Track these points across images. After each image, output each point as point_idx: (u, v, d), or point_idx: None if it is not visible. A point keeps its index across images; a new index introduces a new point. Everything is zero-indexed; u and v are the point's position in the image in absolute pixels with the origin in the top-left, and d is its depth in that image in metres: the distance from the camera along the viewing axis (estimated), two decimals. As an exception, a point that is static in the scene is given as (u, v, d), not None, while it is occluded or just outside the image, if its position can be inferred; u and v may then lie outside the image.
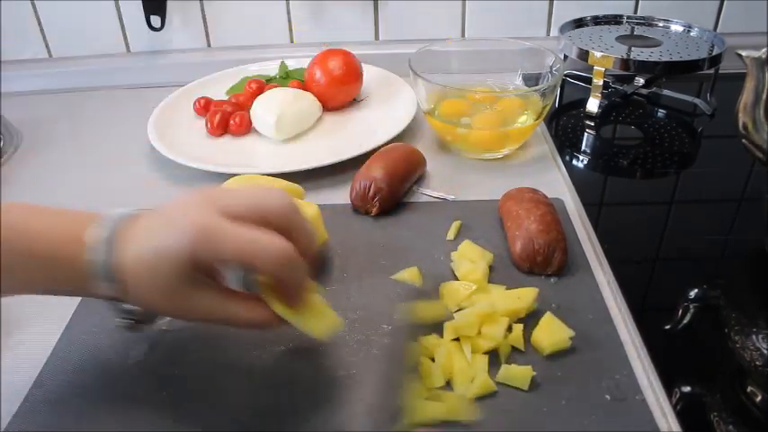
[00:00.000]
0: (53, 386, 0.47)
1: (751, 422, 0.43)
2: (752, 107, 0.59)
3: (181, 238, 0.39)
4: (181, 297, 0.41)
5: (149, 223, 0.42)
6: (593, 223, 0.62)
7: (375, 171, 0.64)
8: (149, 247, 0.40)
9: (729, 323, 0.49)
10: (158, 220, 0.42)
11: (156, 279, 0.40)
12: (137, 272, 0.40)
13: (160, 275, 0.40)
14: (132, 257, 0.40)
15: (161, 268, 0.40)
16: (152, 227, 0.42)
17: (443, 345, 0.48)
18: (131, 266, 0.40)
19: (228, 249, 0.39)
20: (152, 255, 0.40)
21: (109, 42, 1.00)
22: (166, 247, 0.39)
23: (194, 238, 0.39)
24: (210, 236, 0.39)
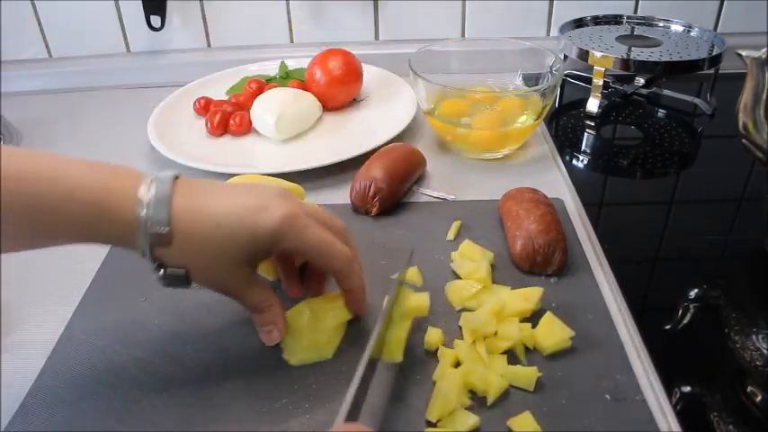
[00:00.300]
0: (53, 386, 0.47)
1: (751, 422, 0.43)
2: (752, 107, 0.59)
3: (272, 219, 0.43)
4: (234, 266, 0.44)
5: (225, 195, 0.44)
6: (593, 223, 0.62)
7: (375, 171, 0.64)
8: (230, 216, 0.42)
9: (729, 323, 0.49)
10: (237, 195, 0.44)
11: (230, 244, 0.43)
12: (199, 240, 0.42)
13: (240, 242, 0.43)
14: (196, 225, 0.42)
15: (238, 240, 0.43)
16: (231, 200, 0.44)
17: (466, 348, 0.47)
18: (193, 234, 0.42)
19: (311, 240, 0.44)
20: (232, 226, 0.42)
21: (109, 42, 1.01)
22: (253, 223, 0.43)
23: (284, 222, 0.43)
24: (300, 224, 0.44)
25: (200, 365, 0.48)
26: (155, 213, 0.41)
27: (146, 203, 0.41)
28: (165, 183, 0.42)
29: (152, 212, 0.41)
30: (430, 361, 0.47)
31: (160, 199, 0.41)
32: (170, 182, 0.43)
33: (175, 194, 0.42)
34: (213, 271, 0.44)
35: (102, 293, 0.56)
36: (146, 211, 0.41)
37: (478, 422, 0.42)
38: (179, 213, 0.42)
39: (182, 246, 0.42)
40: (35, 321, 0.54)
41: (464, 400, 0.44)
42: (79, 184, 0.41)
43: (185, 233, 0.42)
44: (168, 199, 0.42)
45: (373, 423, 0.42)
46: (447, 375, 0.45)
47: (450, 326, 0.50)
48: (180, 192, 0.43)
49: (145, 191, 0.42)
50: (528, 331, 0.48)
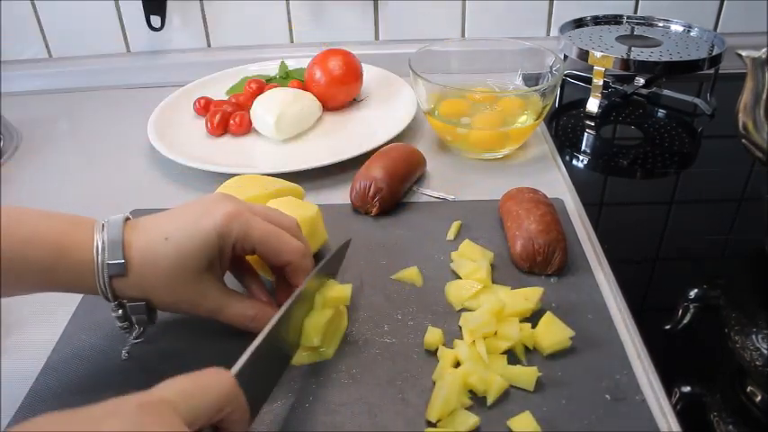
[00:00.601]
0: (53, 386, 0.47)
1: (751, 422, 0.43)
2: (752, 107, 0.59)
3: (214, 219, 0.44)
4: (193, 284, 0.45)
5: (171, 215, 0.46)
6: (593, 223, 0.62)
7: (375, 171, 0.64)
8: (177, 228, 0.44)
9: (729, 323, 0.49)
10: (183, 210, 0.46)
11: (180, 253, 0.43)
12: (153, 258, 0.43)
13: (188, 247, 0.43)
14: (148, 244, 0.43)
15: (187, 248, 0.43)
16: (177, 216, 0.45)
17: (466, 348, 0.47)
18: (147, 255, 0.43)
19: (256, 232, 0.45)
20: (180, 236, 0.44)
21: (109, 42, 1.01)
22: (197, 228, 0.44)
23: (227, 220, 0.44)
24: (243, 220, 0.45)
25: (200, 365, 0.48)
26: (109, 250, 0.43)
27: (100, 242, 0.43)
28: (116, 224, 0.44)
29: (107, 250, 0.43)
30: (430, 361, 0.48)
31: (113, 237, 0.43)
32: (121, 222, 0.44)
33: (126, 229, 0.44)
34: (175, 287, 0.45)
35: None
36: (100, 248, 0.43)
37: (478, 422, 0.42)
38: (130, 242, 0.43)
39: (138, 271, 0.43)
40: (35, 321, 0.54)
41: (464, 400, 0.44)
42: (36, 232, 0.42)
43: (139, 257, 0.43)
44: (121, 236, 0.43)
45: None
46: (447, 375, 0.45)
47: (450, 326, 0.51)
48: (130, 226, 0.45)
49: (98, 233, 0.43)
50: (528, 331, 0.48)
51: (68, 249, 0.42)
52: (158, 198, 0.71)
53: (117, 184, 0.75)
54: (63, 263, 0.42)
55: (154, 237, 0.44)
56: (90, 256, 0.42)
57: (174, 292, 0.45)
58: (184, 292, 0.45)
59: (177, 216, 0.45)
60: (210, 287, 0.46)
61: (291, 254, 0.47)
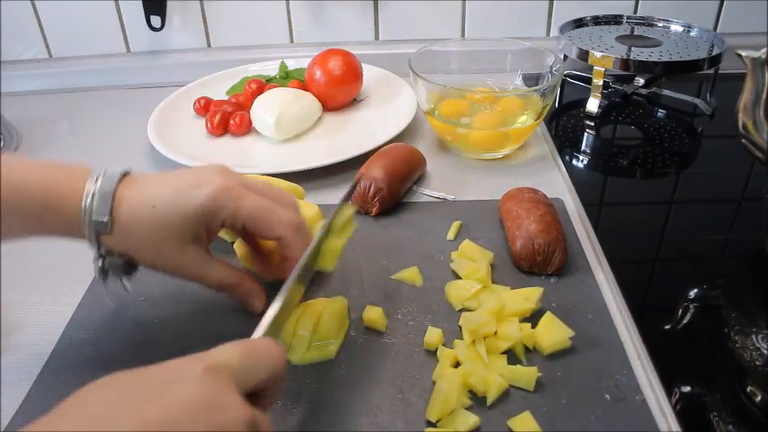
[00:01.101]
0: (53, 386, 0.47)
1: (751, 422, 0.43)
2: (752, 107, 0.59)
3: (202, 194, 0.44)
4: (176, 252, 0.45)
5: (164, 180, 0.46)
6: (593, 223, 0.62)
7: (375, 171, 0.64)
8: (165, 198, 0.44)
9: (729, 323, 0.49)
10: (175, 178, 0.46)
11: (165, 223, 0.44)
12: (137, 223, 0.43)
13: (173, 220, 0.44)
14: (135, 209, 0.43)
15: (171, 219, 0.44)
16: (168, 183, 0.45)
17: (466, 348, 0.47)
18: (132, 218, 0.43)
19: (247, 207, 0.45)
20: (166, 206, 0.44)
21: (109, 42, 1.01)
22: (185, 200, 0.44)
23: (217, 193, 0.44)
24: (234, 194, 0.44)
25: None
26: (97, 204, 0.43)
27: (90, 195, 0.43)
28: (111, 177, 0.44)
29: (95, 203, 0.43)
30: (430, 361, 0.48)
31: (104, 191, 0.43)
32: (117, 177, 0.45)
33: (120, 187, 0.44)
34: (158, 252, 0.45)
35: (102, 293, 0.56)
36: (89, 201, 0.43)
37: (478, 422, 0.42)
38: (119, 202, 0.44)
39: (122, 231, 0.44)
40: (35, 321, 0.54)
41: (464, 400, 0.44)
42: (26, 179, 0.43)
43: (125, 219, 0.44)
44: (112, 191, 0.44)
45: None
46: (447, 375, 0.45)
47: (451, 326, 0.51)
48: (125, 185, 0.45)
49: (91, 184, 0.44)
50: (528, 331, 0.48)
51: (58, 198, 0.43)
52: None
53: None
54: (52, 211, 0.43)
55: (143, 201, 0.44)
56: (79, 206, 0.43)
57: (157, 256, 0.45)
58: (167, 258, 0.45)
59: (168, 183, 0.45)
60: (193, 255, 0.46)
61: (283, 227, 0.46)
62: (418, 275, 0.56)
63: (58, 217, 0.43)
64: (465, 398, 0.44)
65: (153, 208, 0.44)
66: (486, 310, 0.49)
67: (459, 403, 0.43)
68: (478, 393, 0.45)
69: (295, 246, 0.47)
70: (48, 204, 0.43)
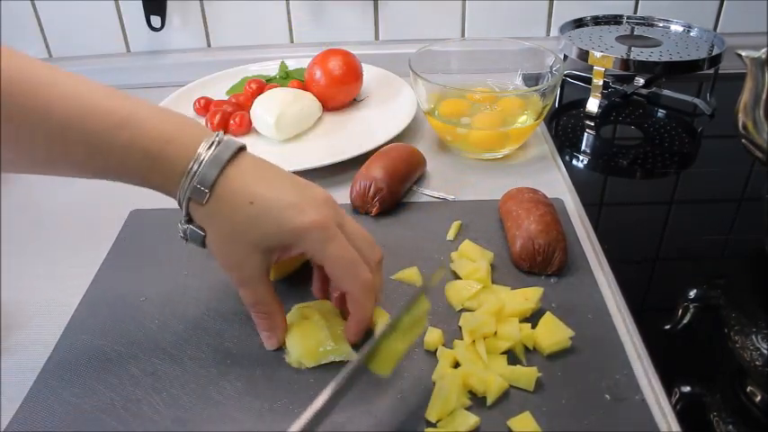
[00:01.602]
0: (53, 386, 0.47)
1: (751, 422, 0.43)
2: (752, 107, 0.59)
3: (305, 218, 0.44)
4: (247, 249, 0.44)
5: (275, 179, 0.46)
6: (593, 223, 0.62)
7: (375, 171, 0.64)
8: (265, 202, 0.44)
9: (729, 323, 0.49)
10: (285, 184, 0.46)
11: (252, 226, 0.44)
12: (228, 211, 0.43)
13: (261, 227, 0.44)
14: (234, 195, 0.43)
15: (258, 226, 0.43)
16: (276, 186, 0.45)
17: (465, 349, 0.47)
18: (226, 204, 0.43)
19: (332, 254, 0.44)
20: (260, 212, 0.43)
21: (109, 42, 1.01)
22: (278, 215, 0.44)
23: (312, 227, 0.44)
24: (326, 235, 0.44)
25: (200, 365, 0.48)
26: (204, 172, 0.43)
27: (201, 160, 0.43)
28: (227, 149, 0.44)
29: (203, 170, 0.43)
30: (430, 361, 0.48)
31: (215, 162, 0.43)
32: (232, 150, 0.44)
33: (232, 163, 0.44)
34: (228, 245, 0.45)
35: (102, 293, 0.56)
36: (197, 167, 0.43)
37: (478, 422, 0.42)
38: (224, 181, 0.43)
39: (212, 209, 0.44)
40: (35, 321, 0.54)
41: (464, 400, 0.44)
42: (141, 131, 0.42)
43: (220, 199, 0.43)
44: (222, 165, 0.43)
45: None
46: (447, 376, 0.45)
47: (450, 326, 0.51)
48: (235, 164, 0.44)
49: (205, 148, 0.43)
50: (528, 331, 0.48)
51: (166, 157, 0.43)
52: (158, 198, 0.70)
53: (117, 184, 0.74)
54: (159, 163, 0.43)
55: (244, 192, 0.44)
56: (185, 166, 0.43)
57: (226, 248, 0.45)
58: (234, 254, 0.45)
59: (274, 187, 0.45)
60: (254, 266, 0.45)
61: (357, 285, 0.46)
62: (418, 275, 0.56)
63: (161, 169, 0.43)
64: (465, 398, 0.44)
65: (250, 204, 0.43)
66: (486, 310, 0.49)
67: (459, 403, 0.43)
68: (478, 393, 0.45)
69: (360, 306, 0.47)
70: (157, 160, 0.42)
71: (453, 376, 0.44)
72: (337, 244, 0.45)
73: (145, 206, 0.68)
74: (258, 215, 0.44)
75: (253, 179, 0.45)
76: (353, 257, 0.45)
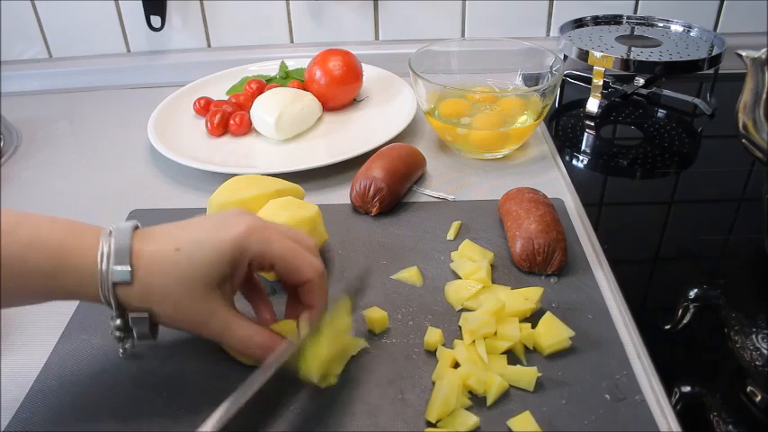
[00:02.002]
0: (53, 386, 0.47)
1: (751, 422, 0.43)
2: (752, 107, 0.59)
3: (233, 232, 0.43)
4: (202, 299, 0.42)
5: (185, 225, 0.44)
6: (593, 223, 0.62)
7: (375, 171, 0.64)
8: (191, 239, 0.42)
9: (729, 323, 0.49)
10: (198, 222, 0.45)
11: (191, 266, 0.42)
12: (161, 269, 0.41)
13: (201, 260, 0.42)
14: (158, 253, 0.42)
15: (199, 260, 0.42)
16: (191, 227, 0.44)
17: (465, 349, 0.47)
18: (155, 264, 0.41)
19: (277, 248, 0.44)
20: (193, 247, 0.42)
21: (109, 42, 1.01)
22: (213, 240, 0.42)
23: (248, 231, 0.43)
24: (263, 235, 0.44)
25: (200, 365, 0.48)
26: (116, 254, 0.41)
27: (107, 246, 0.41)
28: (125, 229, 0.42)
29: (113, 254, 0.41)
30: (430, 361, 0.48)
31: (120, 241, 0.41)
32: (130, 228, 0.43)
33: (135, 237, 0.42)
34: (181, 301, 0.42)
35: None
36: (106, 251, 0.41)
37: (478, 422, 0.42)
38: (139, 250, 0.41)
39: (144, 280, 0.41)
40: (35, 321, 0.54)
41: (464, 400, 0.44)
42: (37, 234, 0.40)
43: (146, 266, 0.41)
44: (129, 240, 0.41)
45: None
46: (446, 376, 0.45)
47: (450, 326, 0.51)
48: (140, 235, 0.43)
49: (105, 237, 0.42)
50: (528, 331, 0.48)
51: (71, 254, 0.40)
52: (158, 198, 0.71)
53: (117, 184, 0.75)
54: (65, 267, 0.40)
55: (164, 246, 0.42)
56: (93, 261, 0.40)
57: (180, 307, 0.42)
58: (191, 307, 0.43)
59: (192, 227, 0.44)
60: (219, 305, 0.43)
61: (311, 272, 0.45)
62: (418, 275, 0.56)
63: (71, 272, 0.40)
64: (465, 398, 0.44)
65: (177, 251, 0.41)
66: (486, 310, 0.49)
67: (459, 403, 0.43)
68: (478, 394, 0.45)
69: (321, 292, 0.46)
70: (61, 259, 0.40)
71: (453, 376, 0.44)
72: (279, 240, 0.44)
73: (145, 206, 0.68)
74: (191, 254, 0.42)
75: (163, 235, 0.43)
76: (297, 247, 0.45)
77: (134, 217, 0.66)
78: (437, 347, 0.48)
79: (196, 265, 0.42)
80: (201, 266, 0.42)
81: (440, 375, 0.46)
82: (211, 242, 0.42)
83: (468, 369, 0.45)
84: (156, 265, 0.41)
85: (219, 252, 0.42)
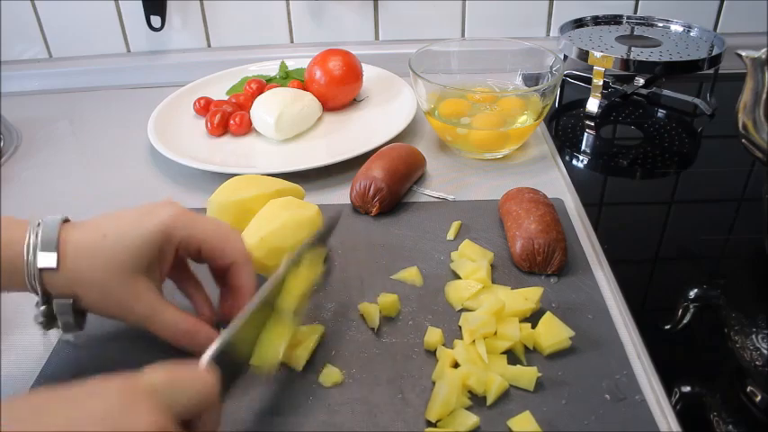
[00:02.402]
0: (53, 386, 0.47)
1: (751, 422, 0.43)
2: (752, 107, 0.59)
3: (159, 218, 0.44)
4: (128, 284, 0.43)
5: (112, 215, 0.45)
6: (593, 223, 0.62)
7: (375, 171, 0.64)
8: (117, 226, 0.43)
9: (729, 323, 0.49)
10: (124, 212, 0.45)
11: (118, 251, 0.42)
12: (88, 254, 0.42)
13: (127, 245, 0.42)
14: (84, 240, 0.42)
15: (125, 245, 0.42)
16: (118, 216, 0.45)
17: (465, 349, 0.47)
18: (81, 250, 0.42)
19: (204, 228, 0.45)
20: (119, 233, 0.43)
21: (109, 42, 1.01)
22: (139, 226, 0.43)
23: (174, 215, 0.44)
24: (187, 219, 0.45)
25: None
26: (42, 241, 0.42)
27: (33, 234, 0.42)
28: (53, 220, 0.43)
29: (40, 240, 0.42)
30: (430, 361, 0.48)
31: (47, 229, 0.42)
32: (58, 220, 0.43)
33: (63, 228, 0.43)
34: (107, 286, 0.43)
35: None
36: (32, 239, 0.42)
37: (478, 422, 0.42)
38: (66, 238, 0.42)
39: (71, 266, 0.42)
40: (35, 321, 0.54)
41: (464, 400, 0.44)
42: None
43: (73, 252, 0.42)
44: (57, 228, 0.42)
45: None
46: (446, 375, 0.45)
47: (451, 326, 0.51)
48: (69, 226, 0.44)
49: (33, 227, 0.42)
50: (528, 331, 0.48)
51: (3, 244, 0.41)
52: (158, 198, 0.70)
53: (117, 184, 0.75)
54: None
55: (91, 233, 0.43)
56: (20, 251, 0.41)
57: (106, 292, 0.43)
58: (117, 292, 0.43)
59: (118, 216, 0.45)
60: (146, 291, 0.44)
61: (236, 253, 0.46)
62: (418, 275, 0.56)
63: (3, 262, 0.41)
64: (465, 398, 0.44)
65: (104, 237, 0.42)
66: (486, 310, 0.49)
67: (459, 403, 0.43)
68: (478, 394, 0.45)
69: (248, 273, 0.46)
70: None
71: (453, 376, 0.44)
72: (202, 222, 0.45)
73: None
74: (117, 239, 0.43)
75: (91, 224, 0.44)
76: (223, 229, 0.46)
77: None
78: (437, 347, 0.48)
79: (122, 249, 0.43)
80: (128, 250, 0.43)
81: (440, 375, 0.46)
82: (139, 227, 0.43)
83: (468, 369, 0.45)
84: (83, 251, 0.42)
85: (146, 236, 0.43)
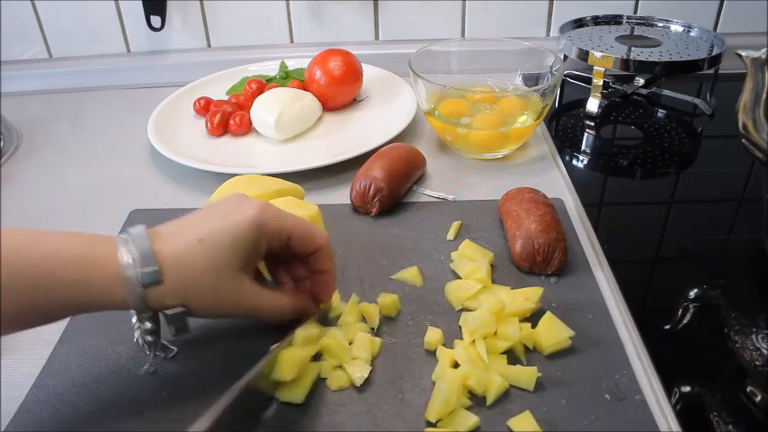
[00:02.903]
0: (53, 386, 0.47)
1: (751, 422, 0.43)
2: (752, 107, 0.59)
3: (248, 214, 0.44)
4: (233, 283, 0.44)
5: (198, 217, 0.45)
6: (593, 223, 0.62)
7: (375, 171, 0.64)
8: (210, 228, 0.43)
9: (729, 323, 0.49)
10: (209, 212, 0.45)
11: (218, 253, 0.43)
12: (190, 262, 0.42)
13: (226, 246, 0.43)
14: (181, 249, 0.42)
15: (224, 246, 0.43)
16: (205, 217, 0.45)
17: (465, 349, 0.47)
18: (181, 259, 0.42)
19: (290, 221, 0.46)
20: (215, 235, 0.43)
21: (109, 42, 1.01)
22: (231, 225, 0.43)
23: (261, 211, 0.44)
24: (274, 210, 0.46)
25: (200, 365, 0.48)
26: (140, 257, 0.41)
27: (129, 251, 0.41)
28: (141, 235, 0.42)
29: (140, 260, 0.41)
30: (430, 361, 0.48)
31: (143, 248, 0.41)
32: (144, 233, 0.42)
33: (152, 239, 0.42)
34: (214, 288, 0.43)
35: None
36: (130, 256, 0.41)
37: (478, 422, 0.42)
38: (159, 249, 0.42)
39: (174, 277, 0.42)
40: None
41: (464, 400, 0.44)
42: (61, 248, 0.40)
43: (173, 263, 0.42)
44: (149, 245, 0.41)
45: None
46: (446, 375, 0.45)
47: (451, 326, 0.51)
48: (154, 234, 0.43)
49: (123, 242, 0.42)
50: (528, 331, 0.48)
51: (96, 262, 0.40)
52: (158, 198, 0.71)
53: (117, 184, 0.75)
54: (91, 276, 0.40)
55: (186, 240, 0.42)
56: (117, 269, 0.40)
57: (215, 294, 0.44)
58: (226, 294, 0.44)
59: (205, 217, 0.44)
60: (250, 285, 0.45)
61: (322, 238, 0.48)
62: (418, 275, 0.56)
63: (99, 282, 0.40)
64: (465, 398, 0.44)
65: (200, 242, 0.42)
66: (486, 310, 0.49)
67: (459, 403, 0.43)
68: (478, 394, 0.45)
69: (331, 258, 0.49)
70: (86, 270, 0.40)
71: (453, 376, 0.44)
72: (288, 214, 0.47)
73: (145, 206, 0.68)
74: (215, 242, 0.43)
75: (179, 228, 0.44)
76: (303, 219, 0.48)
77: (134, 217, 0.66)
78: (437, 347, 0.48)
79: (222, 251, 0.43)
80: (228, 251, 0.43)
81: (440, 375, 0.46)
82: (231, 227, 0.43)
83: (468, 369, 0.45)
84: (185, 260, 0.42)
85: (241, 236, 0.43)
